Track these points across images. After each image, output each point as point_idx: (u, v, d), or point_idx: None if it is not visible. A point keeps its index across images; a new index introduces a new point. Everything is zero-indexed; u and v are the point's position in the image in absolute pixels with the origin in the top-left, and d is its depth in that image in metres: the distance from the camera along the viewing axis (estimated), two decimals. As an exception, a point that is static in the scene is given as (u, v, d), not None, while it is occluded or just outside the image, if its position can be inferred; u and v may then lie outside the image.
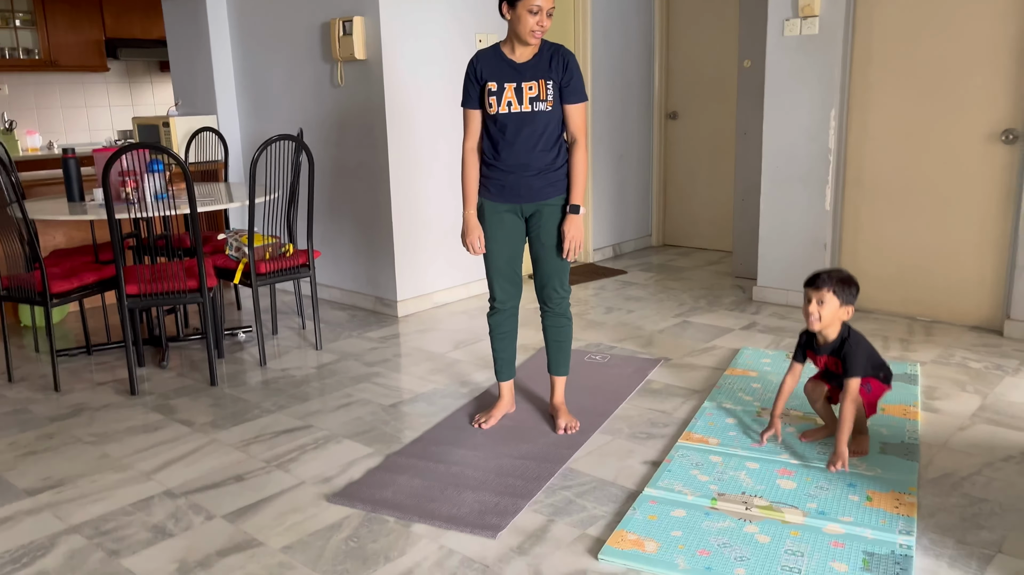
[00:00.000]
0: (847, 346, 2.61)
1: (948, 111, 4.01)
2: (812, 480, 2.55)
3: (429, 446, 2.91)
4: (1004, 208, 3.92)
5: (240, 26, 5.10)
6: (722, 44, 5.83)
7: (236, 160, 5.32)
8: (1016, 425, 2.94)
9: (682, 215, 6.35)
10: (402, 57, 4.40)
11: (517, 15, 2.66)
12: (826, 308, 2.59)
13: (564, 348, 3.02)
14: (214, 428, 3.15)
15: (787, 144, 4.45)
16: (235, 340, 4.27)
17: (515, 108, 2.73)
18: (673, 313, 4.55)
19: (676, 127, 6.22)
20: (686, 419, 3.09)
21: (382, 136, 4.42)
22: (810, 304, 2.61)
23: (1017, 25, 3.75)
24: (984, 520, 2.32)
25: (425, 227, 4.67)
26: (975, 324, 4.10)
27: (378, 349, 4.06)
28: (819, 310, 2.59)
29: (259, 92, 5.10)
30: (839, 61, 4.21)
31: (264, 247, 3.86)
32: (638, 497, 2.48)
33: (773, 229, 4.59)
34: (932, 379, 3.41)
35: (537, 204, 2.83)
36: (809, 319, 2.62)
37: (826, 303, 2.59)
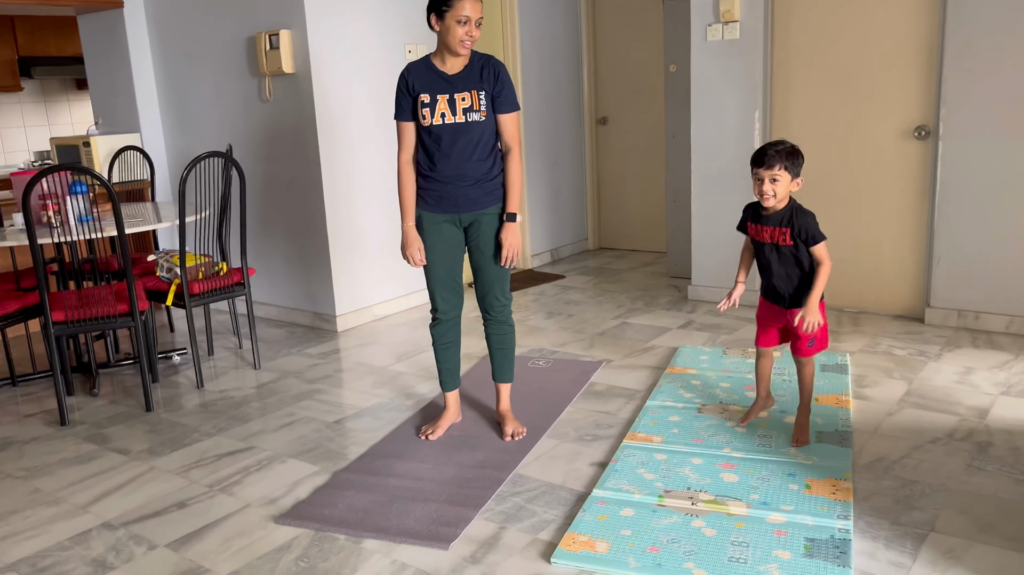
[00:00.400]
0: (797, 216, 2.62)
1: (865, 109, 4.18)
2: (753, 472, 2.62)
3: (376, 460, 2.89)
4: (920, 201, 4.10)
5: (161, 41, 4.98)
6: (648, 50, 5.95)
7: (163, 178, 5.19)
8: (940, 408, 3.08)
9: (617, 218, 6.45)
10: (331, 70, 4.36)
11: (446, 26, 2.67)
12: (780, 185, 2.58)
13: (508, 355, 3.04)
14: (152, 455, 3.06)
15: (714, 146, 4.57)
16: (170, 363, 4.16)
17: (449, 119, 2.74)
18: (612, 315, 4.61)
19: (607, 132, 6.32)
20: (630, 419, 3.14)
21: (314, 149, 4.38)
22: (763, 184, 2.59)
23: (927, 26, 3.94)
24: (916, 501, 2.43)
25: (362, 240, 4.64)
26: (899, 313, 4.28)
27: (319, 365, 4.01)
28: (773, 188, 2.59)
29: (184, 108, 4.99)
30: (760, 64, 4.35)
31: (196, 267, 3.77)
32: (587, 499, 2.51)
33: (705, 229, 4.70)
34: (861, 368, 3.55)
35: (475, 214, 2.85)
36: (764, 198, 2.61)
37: (779, 180, 2.58)
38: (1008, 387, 3.24)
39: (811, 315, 2.63)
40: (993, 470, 2.58)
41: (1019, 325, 3.84)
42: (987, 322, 3.92)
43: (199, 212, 3.76)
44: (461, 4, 2.64)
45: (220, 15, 4.61)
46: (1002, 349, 3.68)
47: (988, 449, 2.73)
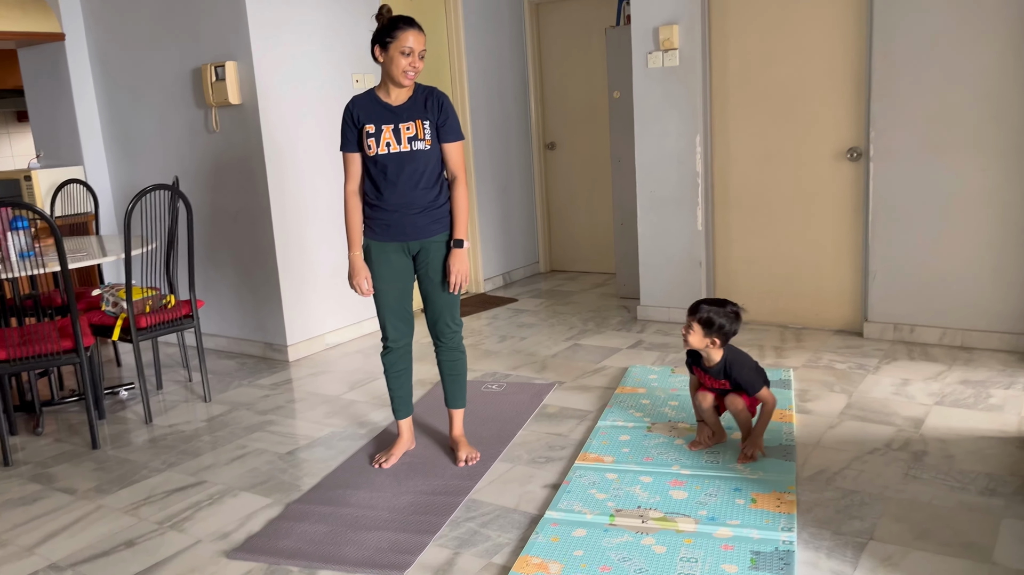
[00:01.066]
0: (733, 369, 2.83)
1: (800, 133, 4.34)
2: (702, 488, 2.69)
3: (329, 490, 2.89)
4: (855, 220, 4.26)
5: (105, 73, 4.93)
6: (592, 76, 6.08)
7: (108, 211, 5.12)
8: (878, 419, 3.20)
9: (567, 241, 6.54)
10: (278, 100, 4.38)
11: (389, 56, 2.72)
12: (692, 335, 2.84)
13: (460, 381, 3.07)
14: (99, 494, 3.01)
15: (658, 169, 4.69)
16: (117, 399, 4.09)
17: (394, 148, 2.79)
18: (564, 337, 4.67)
19: (555, 157, 6.43)
20: (582, 440, 3.19)
21: (262, 180, 4.37)
22: (684, 327, 2.87)
23: (855, 53, 4.12)
24: (856, 511, 2.51)
25: (312, 268, 4.63)
26: (839, 328, 4.42)
27: (270, 396, 3.99)
28: (686, 334, 2.85)
29: (129, 140, 4.95)
30: (700, 90, 4.49)
31: (143, 300, 3.73)
32: (540, 521, 2.55)
33: (651, 251, 4.81)
34: (804, 382, 3.66)
35: (422, 241, 2.89)
36: (683, 339, 2.88)
37: (693, 331, 2.83)
38: (942, 397, 3.37)
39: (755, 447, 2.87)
40: (928, 478, 2.69)
41: (951, 337, 4.01)
42: (921, 334, 4.08)
43: (145, 245, 3.73)
44: (404, 35, 2.69)
45: (164, 47, 4.60)
46: (936, 360, 3.82)
47: (923, 458, 2.84)
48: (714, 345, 2.82)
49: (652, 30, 4.55)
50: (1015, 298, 3.84)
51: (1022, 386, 3.43)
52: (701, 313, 2.82)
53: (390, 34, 2.71)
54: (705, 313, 2.81)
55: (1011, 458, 2.79)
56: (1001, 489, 2.58)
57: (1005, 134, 3.73)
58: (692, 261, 4.67)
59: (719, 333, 2.81)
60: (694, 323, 2.82)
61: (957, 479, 2.67)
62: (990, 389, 3.42)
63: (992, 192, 3.81)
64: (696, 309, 2.84)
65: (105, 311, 3.76)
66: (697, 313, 2.83)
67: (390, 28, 2.72)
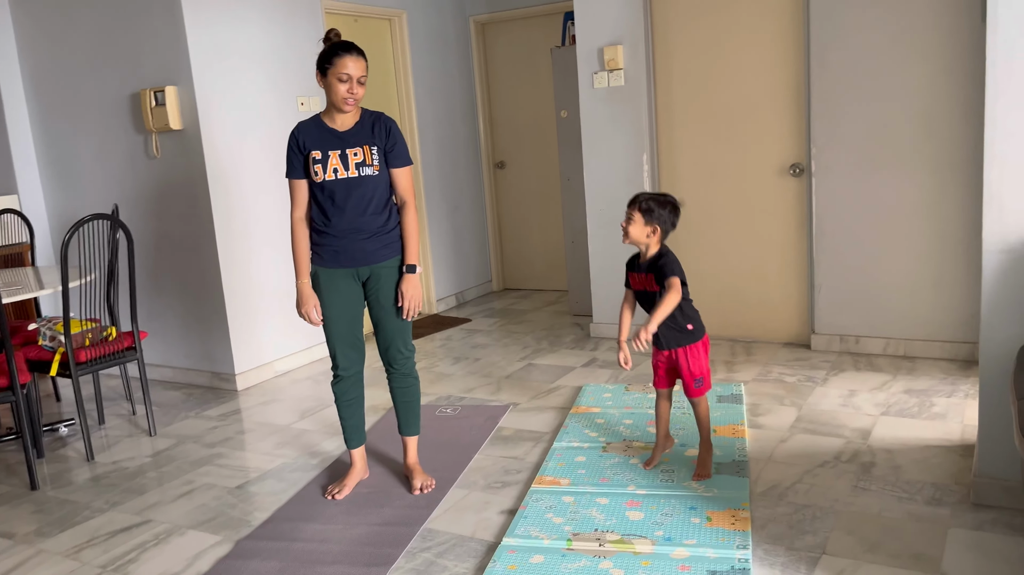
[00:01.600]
0: (662, 259, 2.79)
1: (743, 149, 4.42)
2: (657, 508, 2.69)
3: (281, 525, 2.82)
4: (800, 234, 4.35)
5: (39, 98, 4.79)
6: (540, 95, 6.12)
7: (44, 241, 4.96)
8: (827, 432, 3.25)
9: (519, 259, 6.55)
10: (221, 125, 4.30)
11: (328, 82, 2.70)
12: (633, 226, 2.79)
13: (413, 408, 3.03)
14: (39, 537, 2.89)
15: (607, 188, 4.73)
16: (56, 436, 3.95)
17: (341, 174, 2.76)
18: (518, 357, 4.66)
19: (505, 176, 6.44)
20: (538, 462, 3.17)
21: (206, 206, 4.29)
22: (624, 220, 2.82)
23: (794, 73, 4.22)
24: (808, 525, 2.54)
25: (259, 295, 4.55)
26: (787, 340, 4.50)
27: (219, 428, 3.89)
28: (627, 225, 2.80)
29: (66, 167, 4.81)
30: (645, 109, 4.54)
31: (83, 333, 3.61)
32: (497, 548, 2.52)
33: (602, 268, 4.84)
34: (755, 396, 3.70)
35: (372, 267, 2.85)
36: (622, 233, 2.83)
37: (633, 221, 2.78)
38: (887, 407, 3.45)
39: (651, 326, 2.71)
40: (876, 489, 2.74)
41: (895, 347, 4.10)
42: (866, 345, 4.17)
43: (84, 276, 3.62)
44: (342, 62, 2.67)
45: (101, 71, 4.48)
46: (881, 370, 3.91)
47: (872, 469, 2.89)
48: (654, 234, 2.78)
49: (597, 50, 4.60)
50: (954, 308, 3.95)
51: (963, 394, 3.52)
52: (641, 203, 2.78)
53: (328, 60, 2.69)
54: (645, 203, 2.77)
55: (955, 466, 2.86)
56: (947, 498, 2.64)
57: (939, 150, 3.85)
58: (642, 278, 4.70)
59: (659, 221, 2.77)
60: (634, 213, 2.77)
61: (904, 490, 2.72)
62: (933, 398, 3.51)
63: (929, 206, 3.92)
64: (636, 199, 2.80)
65: (42, 345, 3.63)
66: (637, 203, 2.79)
67: (329, 54, 2.70)
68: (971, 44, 3.70)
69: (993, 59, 2.40)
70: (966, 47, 3.72)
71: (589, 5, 4.59)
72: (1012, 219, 2.43)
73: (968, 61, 3.72)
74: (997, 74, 2.40)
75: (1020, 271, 2.44)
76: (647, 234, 2.79)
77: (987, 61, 2.41)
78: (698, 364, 2.85)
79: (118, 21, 4.35)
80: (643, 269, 2.85)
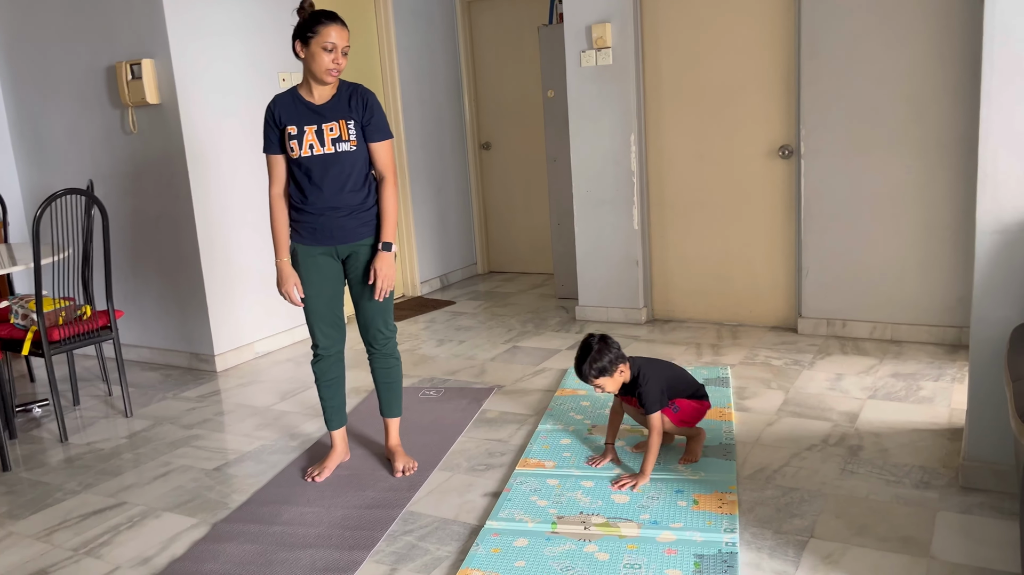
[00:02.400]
0: (639, 385, 2.72)
1: (732, 131, 4.36)
2: (643, 491, 2.65)
3: (260, 507, 2.75)
4: (788, 217, 4.31)
5: (11, 70, 4.66)
6: (526, 75, 6.04)
7: (17, 218, 4.83)
8: (814, 415, 3.22)
9: (504, 241, 6.48)
10: (200, 100, 4.19)
11: (311, 52, 2.61)
12: (607, 386, 2.71)
13: (395, 389, 2.97)
14: (10, 519, 2.81)
15: (594, 169, 4.66)
16: (30, 416, 3.86)
17: (318, 150, 2.68)
18: (503, 339, 4.61)
19: (490, 157, 6.36)
20: (522, 445, 3.12)
21: (184, 183, 4.18)
22: (595, 389, 2.74)
23: (785, 53, 4.16)
24: (796, 508, 2.51)
25: (239, 274, 4.46)
26: (774, 324, 4.47)
27: (197, 409, 3.81)
28: (601, 390, 2.72)
29: (39, 142, 4.68)
30: (633, 89, 4.48)
31: (56, 311, 3.52)
32: (480, 531, 2.47)
33: (588, 251, 4.78)
34: (741, 380, 3.67)
35: (352, 245, 2.78)
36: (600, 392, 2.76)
37: (602, 386, 2.71)
38: (874, 391, 3.42)
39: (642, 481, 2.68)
40: (864, 473, 2.71)
41: (881, 331, 4.08)
42: (853, 329, 4.15)
43: (58, 253, 3.51)
44: (327, 30, 2.58)
45: (75, 43, 4.36)
46: (867, 354, 3.89)
47: (859, 452, 2.86)
48: (622, 374, 2.73)
49: (585, 28, 4.52)
50: (940, 292, 3.93)
51: (950, 378, 3.51)
52: (591, 373, 2.68)
53: (311, 29, 2.60)
54: (594, 370, 2.68)
55: (943, 450, 2.83)
56: (935, 481, 2.61)
57: (927, 134, 3.82)
58: (629, 260, 4.66)
59: (617, 362, 2.70)
60: (599, 380, 2.69)
61: (892, 473, 2.69)
62: (920, 381, 3.49)
63: (917, 190, 3.89)
64: (584, 373, 2.69)
65: (14, 324, 3.53)
66: (589, 375, 2.68)
67: (311, 23, 2.60)
68: (961, 27, 3.66)
69: (990, 34, 2.35)
70: (956, 30, 3.67)
71: (577, -18, 4.51)
72: (1006, 199, 2.40)
73: (958, 44, 3.68)
74: (994, 49, 2.36)
75: (1014, 252, 2.41)
76: (619, 380, 2.73)
77: (984, 36, 2.36)
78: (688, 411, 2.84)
79: (93, -9, 4.22)
80: (625, 394, 2.80)
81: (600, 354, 2.69)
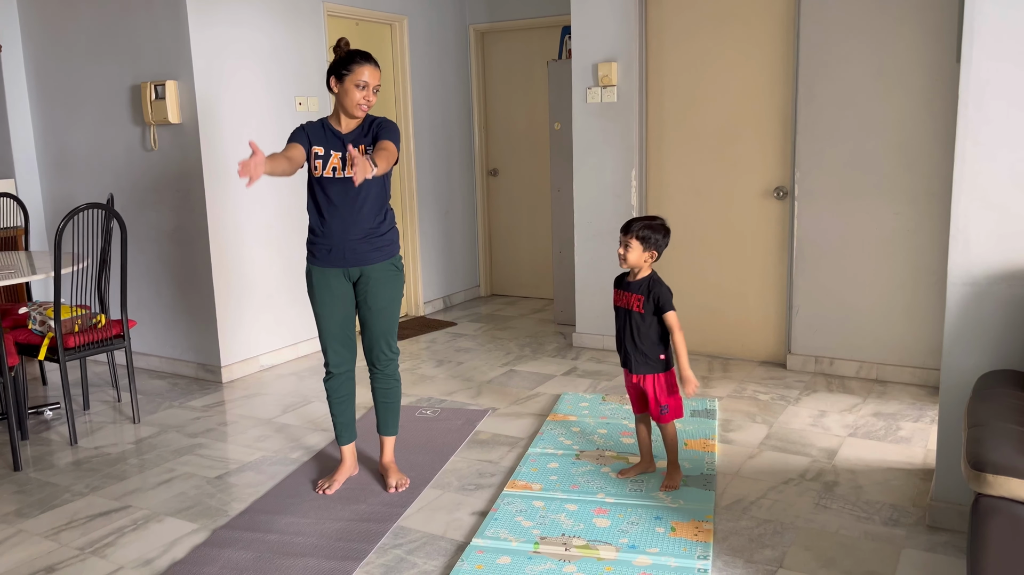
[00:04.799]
0: (654, 286, 2.88)
1: (729, 170, 4.52)
2: (624, 516, 2.77)
3: (258, 516, 2.88)
4: (780, 256, 4.45)
5: (40, 86, 4.85)
6: (535, 107, 6.21)
7: (39, 226, 5.01)
8: (795, 450, 3.34)
9: (507, 266, 6.64)
10: (219, 121, 4.37)
11: (344, 88, 2.78)
12: (631, 252, 2.86)
13: (393, 409, 3.11)
14: (19, 517, 2.94)
15: (595, 201, 4.82)
16: (41, 419, 4.00)
17: (339, 174, 2.83)
18: (501, 362, 4.74)
19: (497, 183, 6.53)
20: (512, 467, 3.25)
21: (200, 199, 4.35)
22: (620, 247, 2.89)
23: (783, 98, 4.32)
24: (768, 539, 2.63)
25: (248, 289, 4.61)
26: (764, 359, 4.59)
27: (202, 418, 3.95)
28: (624, 252, 2.87)
29: (63, 155, 4.86)
30: (636, 126, 4.64)
31: (72, 319, 3.67)
32: (466, 548, 2.60)
33: (587, 280, 4.93)
34: (728, 412, 3.79)
35: (362, 268, 2.92)
36: (620, 260, 2.90)
37: (631, 247, 2.86)
38: (855, 429, 3.54)
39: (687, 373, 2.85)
40: (837, 508, 2.83)
41: (867, 370, 4.20)
42: (840, 367, 4.27)
43: (77, 263, 3.68)
44: (361, 69, 2.76)
45: (103, 62, 4.55)
46: (852, 393, 4.01)
47: (834, 488, 2.98)
48: (651, 259, 2.88)
49: (592, 66, 4.70)
50: (925, 335, 4.05)
51: (929, 419, 3.62)
52: (637, 230, 2.85)
53: (347, 67, 2.77)
54: (642, 230, 2.85)
55: (915, 489, 2.95)
56: (903, 519, 2.73)
57: (916, 182, 3.96)
58: (626, 291, 4.79)
59: (655, 247, 2.87)
60: (631, 240, 2.85)
61: (863, 509, 2.81)
62: (900, 422, 3.60)
63: (905, 236, 4.03)
64: (630, 227, 2.86)
65: (32, 329, 3.69)
66: (632, 230, 2.85)
67: (347, 61, 2.78)
68: (949, 82, 3.81)
69: (965, 100, 2.50)
70: (945, 84, 3.83)
71: (586, 21, 4.69)
72: (976, 254, 2.53)
73: (946, 97, 3.83)
74: (968, 114, 2.50)
75: (982, 304, 2.54)
76: (644, 259, 2.89)
77: (959, 101, 2.51)
78: (663, 394, 2.93)
79: (122, 14, 4.42)
80: (633, 289, 2.92)
81: (654, 230, 2.85)
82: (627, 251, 2.87)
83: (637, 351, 2.91)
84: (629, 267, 2.91)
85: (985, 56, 2.46)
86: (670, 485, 2.97)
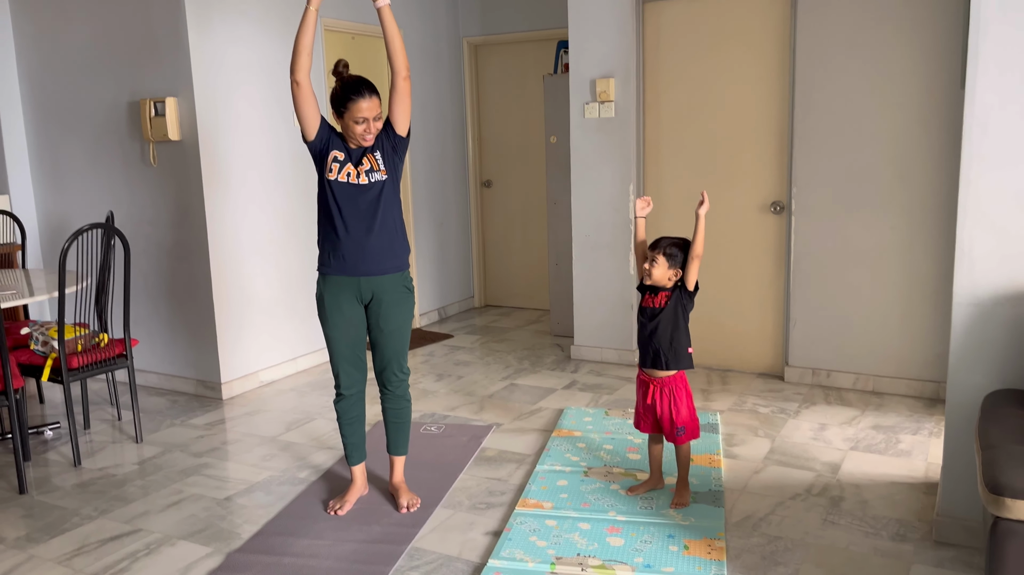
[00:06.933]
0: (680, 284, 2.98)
1: (727, 185, 4.57)
2: (637, 535, 2.81)
3: (271, 538, 2.89)
4: (778, 269, 4.51)
5: (35, 102, 4.82)
6: (529, 119, 6.25)
7: (32, 243, 4.97)
8: (799, 464, 3.39)
9: (501, 277, 6.66)
10: (220, 136, 4.36)
11: (345, 123, 2.79)
12: (656, 267, 2.95)
13: (403, 429, 3.12)
14: (30, 543, 2.93)
15: (593, 215, 4.86)
16: (40, 439, 3.97)
17: (353, 180, 2.83)
18: (501, 376, 4.76)
19: (491, 195, 6.55)
20: (521, 485, 3.27)
21: (200, 215, 4.34)
22: (647, 262, 2.98)
23: (780, 113, 4.38)
24: (780, 556, 2.67)
25: (248, 304, 4.60)
26: (762, 371, 4.65)
27: (205, 437, 3.94)
28: (651, 268, 2.96)
29: (59, 171, 4.83)
30: (634, 141, 4.68)
31: (75, 339, 3.65)
32: (483, 570, 2.62)
33: (585, 292, 4.96)
34: (730, 426, 3.84)
35: (375, 280, 2.90)
36: (645, 273, 2.98)
37: (657, 263, 2.95)
38: (856, 442, 3.60)
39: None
40: (845, 524, 2.88)
41: (864, 382, 4.27)
42: (837, 379, 4.34)
43: (78, 282, 3.66)
44: (357, 106, 2.75)
45: (100, 79, 4.52)
46: (850, 405, 4.07)
47: (840, 503, 3.03)
48: (675, 277, 2.96)
49: (589, 82, 4.74)
50: (920, 347, 4.13)
51: (927, 432, 3.69)
52: (665, 248, 2.94)
53: (343, 104, 2.77)
54: (669, 248, 2.94)
55: (919, 503, 3.01)
56: (910, 535, 2.79)
57: (912, 197, 4.04)
58: (624, 304, 4.84)
59: (680, 266, 2.95)
60: (659, 257, 2.94)
61: (871, 525, 2.86)
62: (899, 434, 3.67)
63: (900, 249, 4.10)
64: (659, 244, 2.96)
65: (34, 350, 3.66)
66: (661, 247, 2.95)
67: (343, 98, 2.77)
68: (945, 99, 3.89)
69: (970, 124, 2.56)
70: (940, 101, 3.90)
71: (584, 37, 4.73)
72: (981, 275, 2.59)
73: (941, 112, 3.91)
74: (973, 139, 2.56)
75: (987, 324, 2.60)
76: (668, 276, 2.96)
77: (964, 126, 2.57)
78: (679, 414, 2.97)
79: (120, 30, 4.40)
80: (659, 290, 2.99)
81: (681, 248, 2.95)
82: (652, 267, 2.95)
83: (670, 348, 2.96)
84: (653, 282, 2.97)
85: (990, 81, 2.52)
86: (680, 502, 3.01)
